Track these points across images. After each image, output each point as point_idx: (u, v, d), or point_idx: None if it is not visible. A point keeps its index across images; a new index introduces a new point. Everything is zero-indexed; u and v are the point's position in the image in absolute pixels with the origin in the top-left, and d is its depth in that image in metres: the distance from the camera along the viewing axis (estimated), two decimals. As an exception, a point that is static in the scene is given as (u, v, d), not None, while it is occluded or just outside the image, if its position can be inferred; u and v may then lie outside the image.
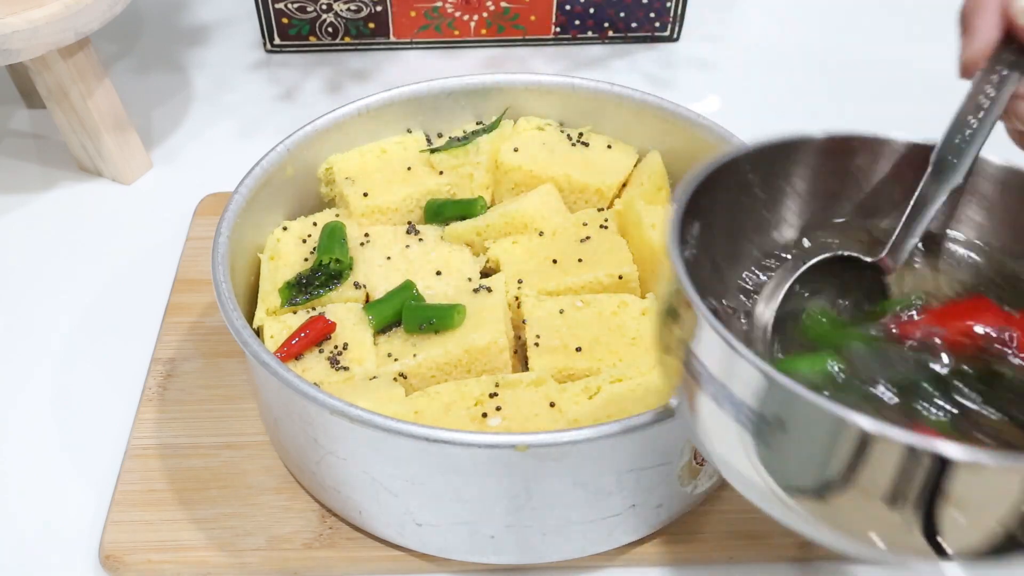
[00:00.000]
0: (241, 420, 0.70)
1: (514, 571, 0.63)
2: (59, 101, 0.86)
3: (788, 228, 0.56)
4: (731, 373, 0.42)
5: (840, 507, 0.42)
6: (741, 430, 0.43)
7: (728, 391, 0.43)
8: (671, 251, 0.46)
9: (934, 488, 0.38)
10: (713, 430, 0.45)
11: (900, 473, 0.38)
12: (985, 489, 0.38)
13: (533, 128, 0.78)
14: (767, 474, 0.43)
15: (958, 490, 0.38)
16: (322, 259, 0.68)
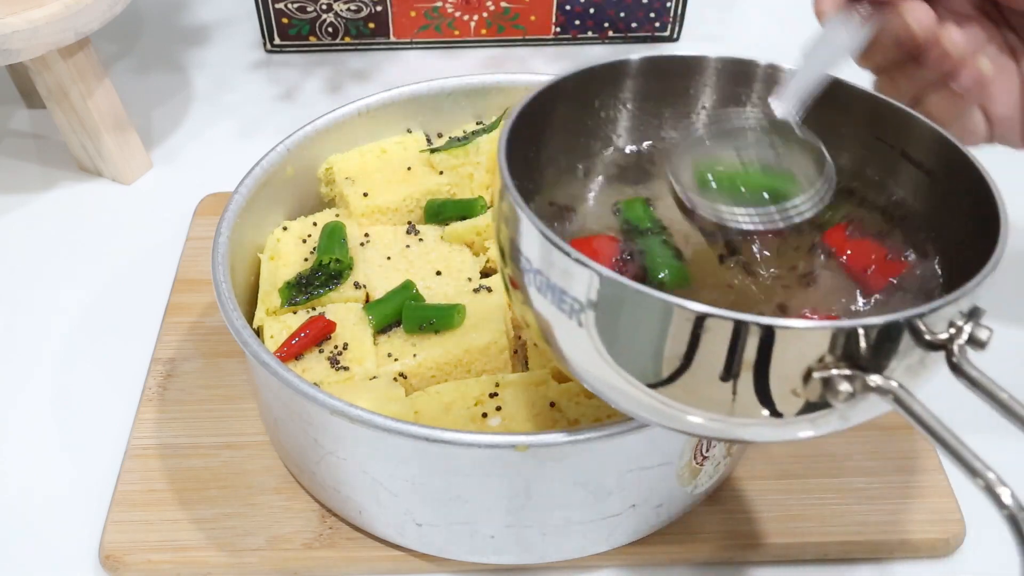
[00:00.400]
0: (241, 420, 0.70)
1: (514, 571, 0.63)
2: (59, 101, 0.86)
3: (619, 149, 0.61)
4: (549, 263, 0.46)
5: (680, 385, 0.45)
6: (570, 320, 0.46)
7: (551, 282, 0.46)
8: (500, 151, 0.50)
9: (753, 356, 0.43)
10: (550, 325, 0.48)
11: (720, 345, 0.43)
12: (782, 353, 0.43)
13: (533, 128, 0.78)
14: (609, 363, 0.47)
15: (767, 356, 0.43)
16: (322, 259, 0.68)
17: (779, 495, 0.66)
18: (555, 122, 0.58)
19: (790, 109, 0.55)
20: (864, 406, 0.45)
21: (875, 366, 0.43)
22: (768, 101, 0.56)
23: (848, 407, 0.44)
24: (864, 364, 0.43)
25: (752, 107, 0.60)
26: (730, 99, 0.60)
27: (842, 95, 0.57)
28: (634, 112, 0.60)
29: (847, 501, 0.66)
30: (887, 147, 0.57)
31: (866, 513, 0.65)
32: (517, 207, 0.47)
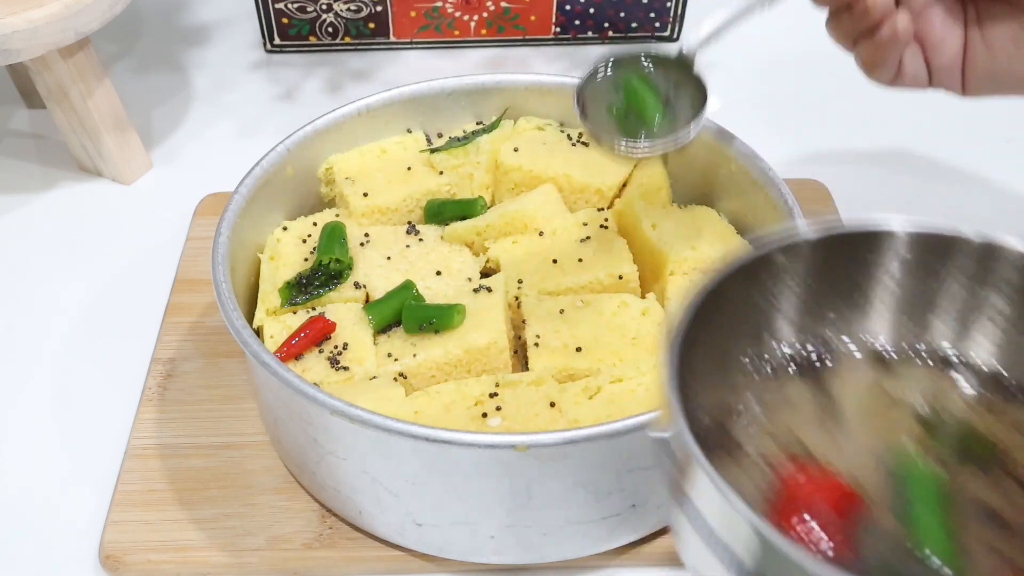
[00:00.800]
0: (241, 420, 0.70)
1: (514, 571, 0.63)
2: (59, 101, 0.86)
3: (786, 326, 0.51)
4: (728, 528, 0.39)
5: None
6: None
7: (721, 541, 0.39)
8: (669, 393, 0.42)
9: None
10: (702, 564, 0.42)
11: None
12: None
13: (533, 128, 0.78)
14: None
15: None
16: (322, 259, 0.68)
17: (779, 495, 0.66)
18: (710, 322, 0.47)
19: (695, 44, 0.61)
20: None
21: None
22: (682, 39, 0.58)
23: None
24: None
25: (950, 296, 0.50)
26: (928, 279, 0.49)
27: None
28: (805, 300, 0.50)
29: (847, 501, 0.66)
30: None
31: (866, 513, 0.65)
32: (699, 465, 0.39)
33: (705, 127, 0.72)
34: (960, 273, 0.48)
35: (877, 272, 0.49)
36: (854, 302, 0.50)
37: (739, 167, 0.70)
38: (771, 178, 0.67)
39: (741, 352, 0.50)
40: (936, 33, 0.65)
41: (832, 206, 0.87)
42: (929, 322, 0.50)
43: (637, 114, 0.64)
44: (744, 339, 0.50)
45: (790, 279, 0.49)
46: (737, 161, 0.70)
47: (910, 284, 0.49)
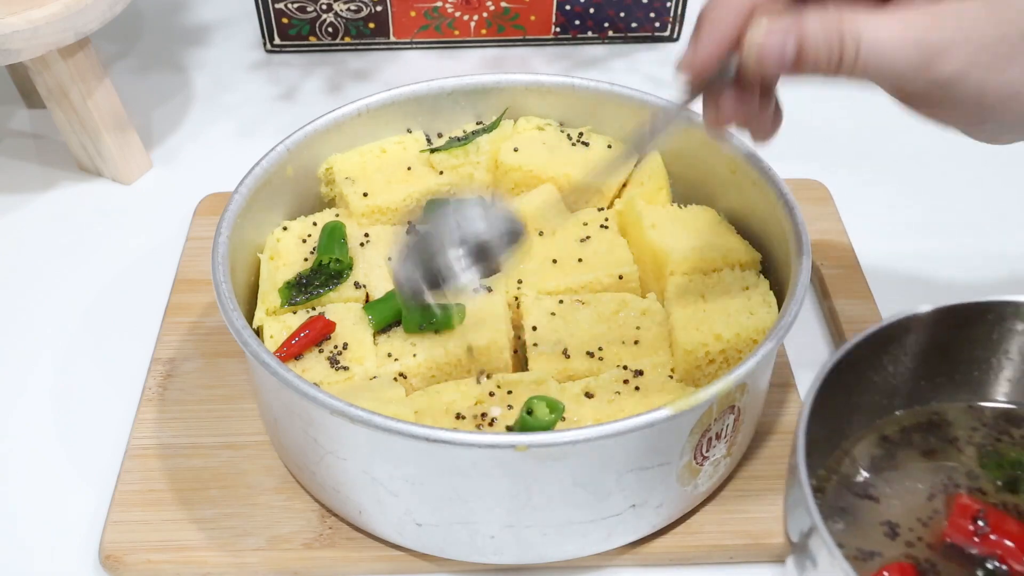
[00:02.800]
0: (241, 420, 0.70)
1: (514, 571, 0.63)
2: (59, 101, 0.86)
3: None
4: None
5: None
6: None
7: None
8: (798, 475, 0.47)
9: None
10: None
11: None
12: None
13: (533, 128, 0.78)
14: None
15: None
16: (322, 259, 0.68)
17: (779, 495, 0.66)
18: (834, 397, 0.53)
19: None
20: None
21: None
22: None
23: None
24: None
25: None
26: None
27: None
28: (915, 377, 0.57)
29: (847, 501, 0.66)
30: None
31: (866, 513, 0.65)
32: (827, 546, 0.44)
33: None
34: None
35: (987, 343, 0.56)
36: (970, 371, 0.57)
37: (739, 167, 0.70)
38: (771, 178, 0.67)
39: (859, 425, 0.56)
40: None
41: (832, 206, 0.87)
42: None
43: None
44: (862, 414, 0.56)
45: (903, 354, 0.55)
46: (737, 161, 0.70)
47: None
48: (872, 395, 0.56)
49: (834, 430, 0.55)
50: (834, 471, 0.54)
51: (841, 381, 0.52)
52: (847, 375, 0.53)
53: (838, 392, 0.52)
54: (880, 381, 0.56)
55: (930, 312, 0.54)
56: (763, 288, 0.67)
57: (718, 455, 0.61)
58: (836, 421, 0.54)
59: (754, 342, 0.63)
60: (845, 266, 0.81)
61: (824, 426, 0.51)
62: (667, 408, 0.54)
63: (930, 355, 0.56)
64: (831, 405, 0.51)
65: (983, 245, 0.86)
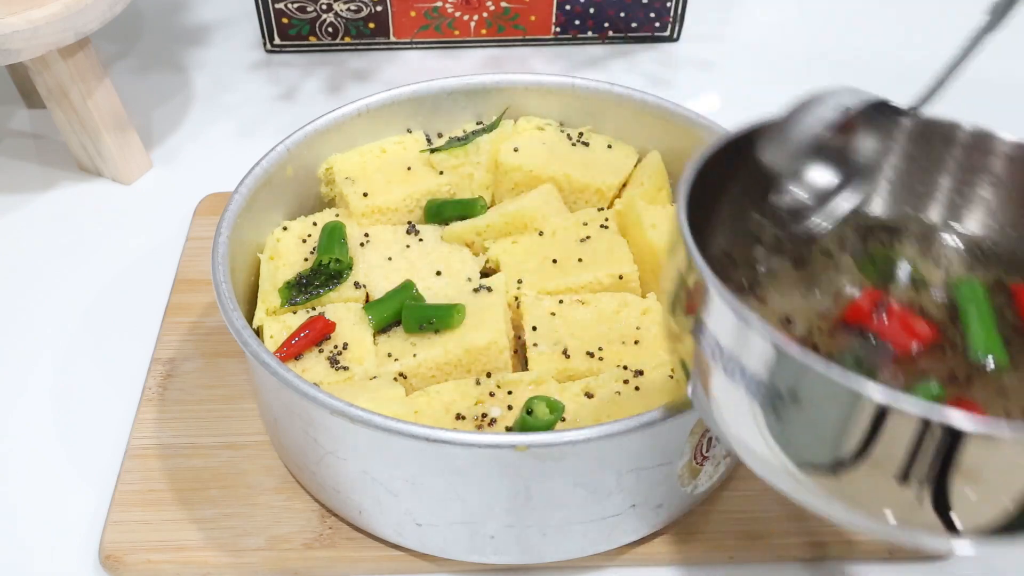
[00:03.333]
0: (241, 420, 0.70)
1: (514, 571, 0.63)
2: (59, 101, 0.86)
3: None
4: (743, 345, 0.43)
5: (852, 481, 0.42)
6: (754, 404, 0.43)
7: (740, 364, 0.43)
8: (681, 223, 0.46)
9: (946, 461, 0.38)
10: (726, 407, 0.46)
11: (912, 446, 0.39)
12: (997, 463, 0.38)
13: (533, 128, 0.78)
14: (780, 450, 0.44)
15: (970, 463, 0.38)
16: (322, 259, 0.68)
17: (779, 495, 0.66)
18: (726, 175, 0.53)
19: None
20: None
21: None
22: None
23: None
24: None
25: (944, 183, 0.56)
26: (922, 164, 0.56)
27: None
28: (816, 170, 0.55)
29: (847, 501, 0.66)
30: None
31: (866, 513, 0.65)
32: (709, 283, 0.44)
33: (705, 127, 0.72)
34: (953, 160, 0.55)
35: (884, 152, 0.55)
36: (861, 176, 0.55)
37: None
38: (771, 178, 0.67)
39: (755, 209, 0.55)
40: None
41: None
42: (925, 198, 0.57)
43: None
44: (757, 202, 0.54)
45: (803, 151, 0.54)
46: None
47: (911, 166, 0.56)
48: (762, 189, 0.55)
49: (721, 228, 0.54)
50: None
51: (739, 166, 0.52)
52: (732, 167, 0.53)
53: (725, 182, 0.52)
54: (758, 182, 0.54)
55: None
56: None
57: (718, 455, 0.61)
58: (719, 215, 0.54)
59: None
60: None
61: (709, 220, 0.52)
62: (667, 408, 0.54)
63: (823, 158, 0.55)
64: (714, 192, 0.52)
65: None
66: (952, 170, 0.56)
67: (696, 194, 0.49)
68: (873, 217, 0.57)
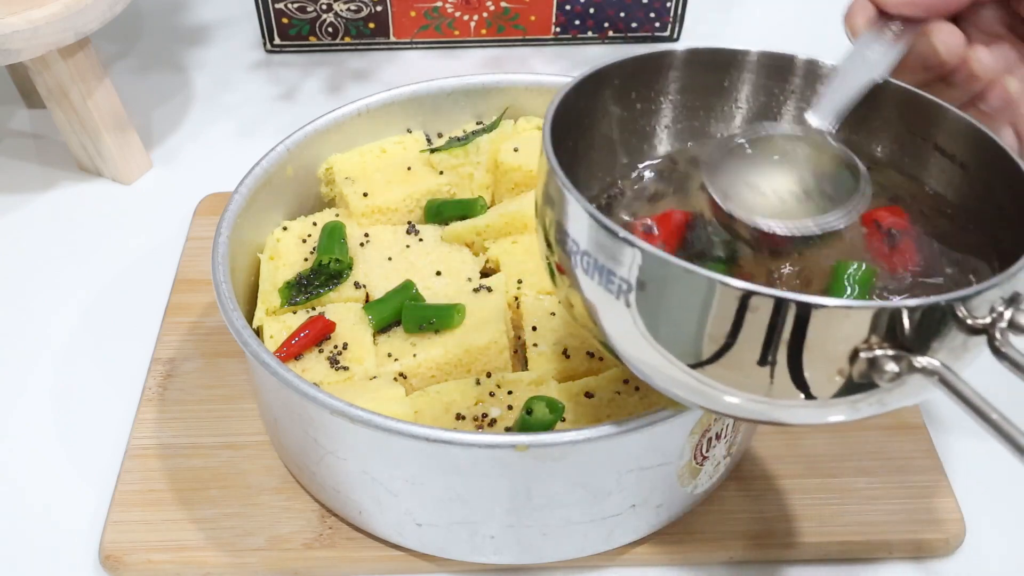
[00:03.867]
0: (241, 420, 0.70)
1: (514, 571, 0.63)
2: (59, 101, 0.86)
3: (659, 142, 0.62)
4: (598, 244, 0.47)
5: (721, 364, 0.46)
6: (617, 301, 0.47)
7: (599, 262, 0.47)
8: (544, 135, 0.51)
9: (793, 335, 0.44)
10: (596, 307, 0.49)
11: (763, 324, 0.44)
12: (826, 332, 0.44)
13: (533, 128, 0.78)
14: (652, 342, 0.48)
15: (810, 336, 0.44)
16: (322, 259, 0.68)
17: (779, 495, 0.66)
18: (596, 112, 0.58)
19: (827, 123, 0.56)
20: (905, 389, 0.46)
21: (919, 348, 0.44)
22: (805, 116, 0.57)
23: (890, 388, 0.45)
24: (908, 346, 0.44)
25: (788, 111, 0.61)
26: (767, 94, 0.61)
27: (874, 89, 0.57)
28: (673, 106, 0.61)
29: (847, 501, 0.66)
30: (920, 140, 0.58)
31: (866, 513, 0.65)
32: (564, 189, 0.48)
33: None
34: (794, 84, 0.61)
35: (731, 86, 0.61)
36: (713, 110, 0.62)
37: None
38: (771, 178, 0.67)
39: (622, 149, 0.61)
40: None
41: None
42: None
43: (796, 193, 0.56)
44: (624, 137, 0.61)
45: (662, 87, 0.61)
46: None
47: (755, 94, 0.62)
48: (631, 124, 0.61)
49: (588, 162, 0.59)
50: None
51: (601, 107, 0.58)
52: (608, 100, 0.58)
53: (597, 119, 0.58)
54: (626, 117, 0.61)
55: (683, 52, 0.59)
56: None
57: (718, 455, 0.61)
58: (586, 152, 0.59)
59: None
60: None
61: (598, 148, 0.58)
62: (667, 408, 0.54)
63: (678, 98, 0.61)
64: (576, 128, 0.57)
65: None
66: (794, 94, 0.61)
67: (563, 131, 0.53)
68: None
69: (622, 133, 0.61)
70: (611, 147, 0.60)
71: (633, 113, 0.61)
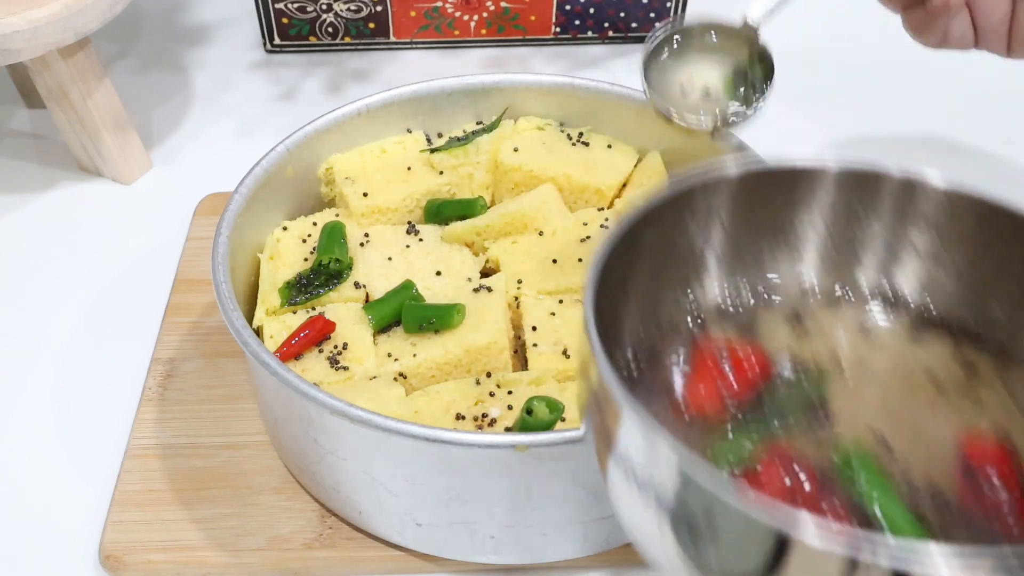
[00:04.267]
0: (241, 420, 0.70)
1: (514, 571, 0.63)
2: (59, 101, 0.86)
3: (711, 277, 0.50)
4: (653, 464, 0.38)
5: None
6: (658, 514, 0.39)
7: (652, 486, 0.39)
8: (589, 329, 0.41)
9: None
10: (624, 499, 0.42)
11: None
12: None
13: (533, 128, 0.78)
14: (680, 558, 0.39)
15: None
16: (322, 259, 0.68)
17: (779, 495, 0.66)
18: (639, 249, 0.46)
19: (759, 16, 0.60)
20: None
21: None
22: (745, 11, 0.59)
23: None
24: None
25: (873, 248, 0.50)
26: (847, 220, 0.49)
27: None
28: (728, 237, 0.49)
29: (847, 501, 0.66)
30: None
31: (866, 513, 0.65)
32: (620, 402, 0.38)
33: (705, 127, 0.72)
34: (883, 209, 0.48)
35: (801, 210, 0.49)
36: (780, 242, 0.50)
37: (739, 167, 0.70)
38: (771, 178, 0.67)
39: (670, 296, 0.49)
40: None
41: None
42: (854, 258, 0.50)
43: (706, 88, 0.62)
44: (672, 282, 0.49)
45: (715, 219, 0.48)
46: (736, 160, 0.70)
47: (835, 222, 0.49)
48: (682, 266, 0.49)
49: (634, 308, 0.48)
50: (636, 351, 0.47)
51: (645, 248, 0.46)
52: (652, 241, 0.47)
53: (643, 260, 0.46)
54: (684, 248, 0.49)
55: (738, 174, 0.47)
56: None
57: (718, 455, 0.61)
58: (636, 296, 0.47)
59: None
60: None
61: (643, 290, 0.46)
62: (667, 408, 0.54)
63: (738, 225, 0.49)
64: (628, 275, 0.45)
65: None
66: (883, 223, 0.49)
67: (602, 293, 0.43)
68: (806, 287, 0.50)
69: (666, 269, 0.49)
70: (654, 285, 0.49)
71: (681, 247, 0.49)
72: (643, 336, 0.48)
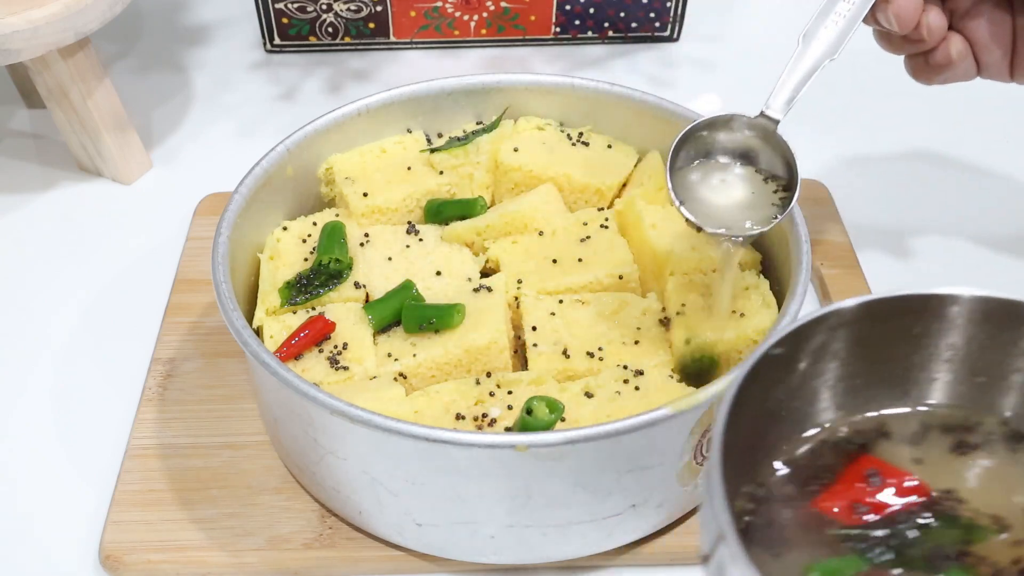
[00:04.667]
0: (241, 420, 0.70)
1: (514, 571, 0.63)
2: (59, 101, 0.86)
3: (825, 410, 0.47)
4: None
5: None
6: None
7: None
8: (713, 489, 0.38)
9: None
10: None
11: None
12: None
13: (533, 128, 0.78)
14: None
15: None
16: (322, 259, 0.68)
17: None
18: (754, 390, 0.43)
19: (779, 112, 0.62)
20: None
21: None
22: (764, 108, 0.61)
23: None
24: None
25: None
26: (989, 353, 0.45)
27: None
28: (847, 370, 0.46)
29: (847, 501, 0.66)
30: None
31: (866, 513, 0.65)
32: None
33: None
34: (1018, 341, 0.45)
35: (924, 343, 0.46)
36: (899, 378, 0.47)
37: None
38: (771, 178, 0.67)
39: (780, 439, 0.46)
40: (985, 32, 0.66)
41: (832, 206, 0.87)
42: (985, 395, 0.47)
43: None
44: (783, 425, 0.46)
45: (829, 358, 0.46)
46: (737, 161, 0.70)
47: (963, 355, 0.46)
48: (798, 401, 0.47)
49: (757, 440, 0.45)
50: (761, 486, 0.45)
51: (761, 386, 0.43)
52: (770, 378, 0.44)
53: (759, 398, 0.44)
54: (803, 385, 0.46)
55: (855, 306, 0.44)
56: (763, 288, 0.67)
57: (718, 455, 0.61)
58: (759, 430, 0.45)
59: (754, 342, 0.63)
60: (845, 266, 0.81)
61: (748, 435, 0.43)
62: (667, 408, 0.54)
63: (856, 355, 0.46)
64: (753, 411, 0.43)
65: (985, 243, 0.86)
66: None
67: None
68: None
69: (782, 403, 0.46)
70: (766, 422, 0.46)
71: (796, 382, 0.46)
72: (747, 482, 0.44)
